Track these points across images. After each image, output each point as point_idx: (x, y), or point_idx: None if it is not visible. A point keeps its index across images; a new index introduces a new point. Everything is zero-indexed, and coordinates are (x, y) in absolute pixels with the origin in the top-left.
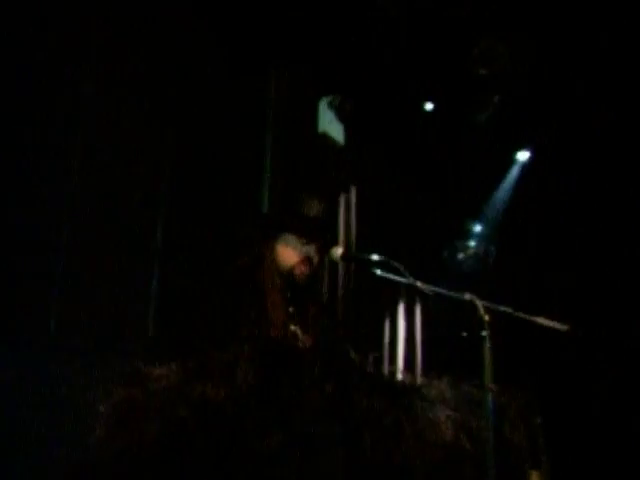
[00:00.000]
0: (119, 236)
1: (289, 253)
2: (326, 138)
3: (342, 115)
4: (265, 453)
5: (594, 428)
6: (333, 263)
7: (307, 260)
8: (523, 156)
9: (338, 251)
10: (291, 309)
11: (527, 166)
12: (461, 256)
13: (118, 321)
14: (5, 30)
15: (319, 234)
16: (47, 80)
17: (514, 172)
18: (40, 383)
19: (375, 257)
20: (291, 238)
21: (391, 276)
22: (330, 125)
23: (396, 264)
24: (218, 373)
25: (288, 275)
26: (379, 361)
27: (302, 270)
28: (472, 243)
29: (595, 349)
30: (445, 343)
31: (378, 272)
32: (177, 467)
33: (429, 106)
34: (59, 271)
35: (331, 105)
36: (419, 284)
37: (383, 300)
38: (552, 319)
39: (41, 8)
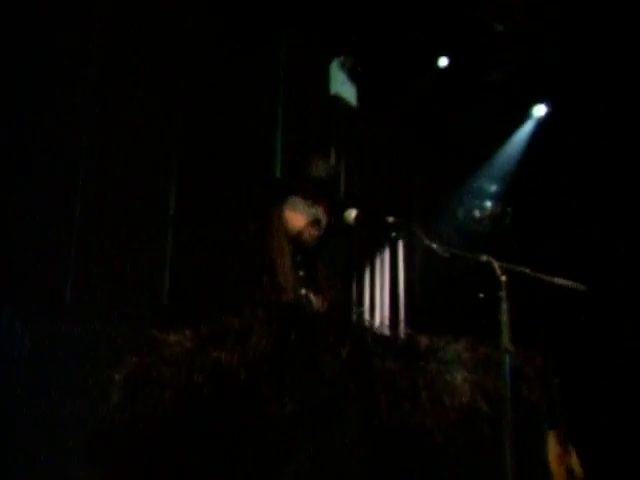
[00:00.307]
0: (132, 204)
1: (296, 217)
2: (338, 100)
3: (354, 76)
4: (281, 418)
5: (611, 389)
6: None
7: (315, 222)
8: (539, 111)
9: (352, 213)
10: (301, 273)
11: (544, 122)
12: (477, 217)
13: (133, 289)
14: (5, 23)
15: (326, 195)
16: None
17: (529, 128)
18: (55, 351)
19: (390, 219)
20: (298, 201)
21: (407, 238)
22: (342, 86)
23: (411, 226)
24: (232, 339)
25: (297, 239)
26: (393, 323)
27: (310, 233)
28: (488, 203)
29: (612, 309)
30: (462, 304)
31: (393, 235)
32: (192, 434)
33: (443, 62)
34: (73, 240)
35: (343, 66)
36: (435, 246)
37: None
38: (569, 280)
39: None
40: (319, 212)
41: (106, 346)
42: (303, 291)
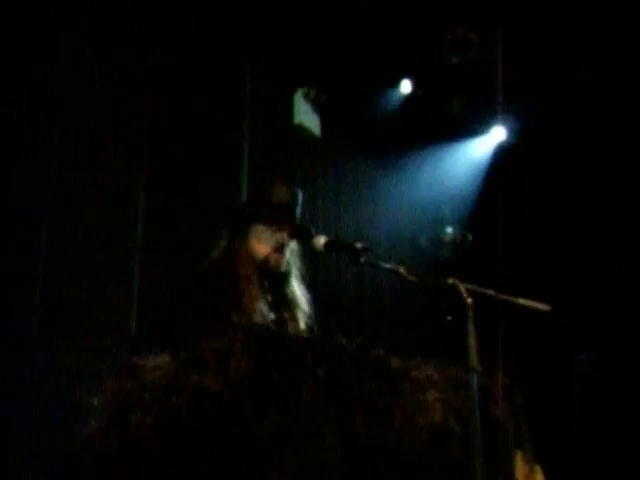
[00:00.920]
0: (99, 233)
1: (261, 245)
2: (302, 129)
3: (318, 106)
4: (264, 438)
5: (576, 407)
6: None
7: (280, 248)
8: (497, 135)
9: (321, 240)
10: (269, 298)
11: (501, 146)
12: (439, 242)
13: (100, 319)
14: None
15: (288, 220)
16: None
17: (487, 153)
18: (27, 382)
19: (359, 245)
20: (261, 229)
21: (375, 263)
22: (306, 116)
23: (379, 252)
24: (212, 362)
25: (263, 265)
26: (367, 343)
27: (276, 259)
28: (449, 229)
29: (575, 330)
30: (430, 327)
31: (362, 260)
32: (174, 457)
33: (406, 88)
34: (40, 270)
35: (306, 96)
36: (402, 270)
37: None
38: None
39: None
40: (283, 237)
41: (78, 373)
42: (272, 316)
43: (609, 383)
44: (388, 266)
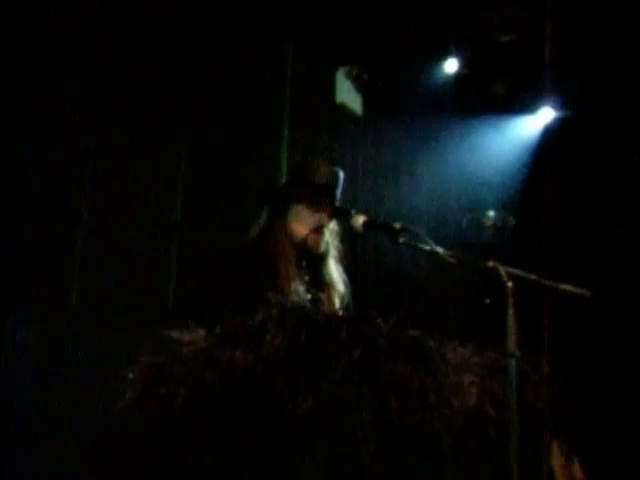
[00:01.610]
0: (139, 210)
1: (299, 225)
2: (344, 108)
3: (360, 85)
4: (295, 417)
5: (615, 398)
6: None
7: (318, 229)
8: (543, 117)
9: (360, 220)
10: (307, 278)
11: (547, 128)
12: (480, 226)
13: (138, 294)
14: (10, 26)
15: (328, 201)
16: (63, 61)
17: (533, 134)
18: (64, 353)
19: (397, 225)
20: (300, 209)
21: (414, 243)
22: (348, 95)
23: (419, 231)
24: (246, 338)
25: (302, 245)
26: (403, 324)
27: (315, 239)
28: (491, 213)
29: (615, 316)
30: (468, 310)
31: (401, 240)
32: (206, 432)
33: (451, 67)
34: (79, 244)
35: (349, 75)
36: (441, 251)
37: None
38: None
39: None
40: (323, 218)
41: (113, 346)
42: (308, 296)
43: None
44: (427, 247)
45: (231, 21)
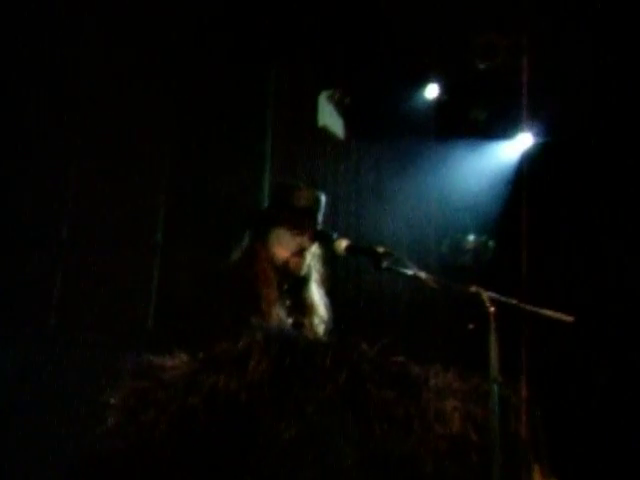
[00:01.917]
0: (120, 231)
1: (281, 248)
2: (326, 132)
3: (342, 109)
4: (279, 443)
5: (596, 421)
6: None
7: (300, 252)
8: (523, 142)
9: (343, 244)
10: (288, 302)
11: (526, 153)
12: (460, 250)
13: (119, 315)
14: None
15: (310, 224)
16: (46, 67)
17: (512, 159)
18: (43, 377)
19: (381, 249)
20: (282, 232)
21: (396, 268)
22: (330, 119)
23: (401, 256)
24: (230, 363)
25: (283, 269)
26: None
27: (296, 263)
28: (471, 237)
29: (596, 340)
30: (451, 335)
31: (384, 264)
32: (188, 457)
33: (432, 93)
34: (59, 266)
35: (331, 99)
36: (424, 276)
37: None
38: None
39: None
40: (304, 242)
41: (94, 370)
42: (289, 320)
43: (630, 397)
44: (410, 272)
45: (215, 42)
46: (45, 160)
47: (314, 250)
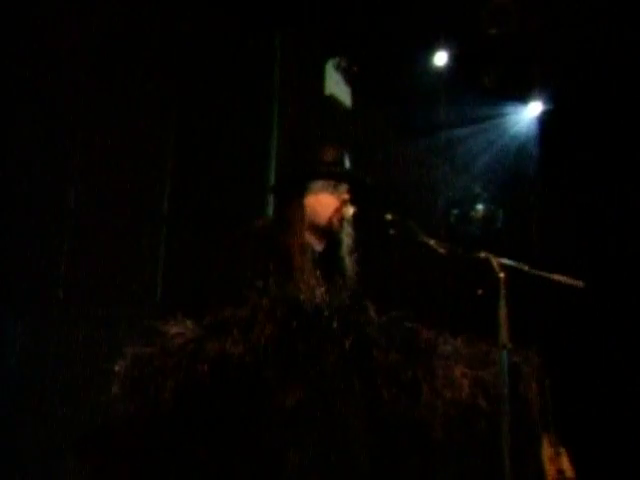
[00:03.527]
0: (126, 203)
1: (321, 206)
2: (333, 100)
3: (349, 77)
4: (284, 408)
5: (604, 389)
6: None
7: (341, 206)
8: (533, 111)
9: (350, 211)
10: (318, 272)
11: (535, 123)
12: (470, 219)
13: (126, 286)
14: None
15: (347, 175)
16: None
17: (521, 129)
18: (52, 350)
19: (388, 216)
20: (320, 187)
21: (405, 235)
22: (337, 87)
23: (410, 223)
24: (235, 329)
25: (325, 228)
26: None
27: (339, 218)
28: (479, 206)
29: (607, 308)
30: (460, 301)
31: (392, 231)
32: (194, 423)
33: (440, 60)
34: (67, 239)
35: (338, 67)
36: (432, 242)
37: None
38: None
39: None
40: (343, 193)
41: (102, 339)
42: (322, 289)
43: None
44: (419, 238)
45: (220, 13)
46: (51, 132)
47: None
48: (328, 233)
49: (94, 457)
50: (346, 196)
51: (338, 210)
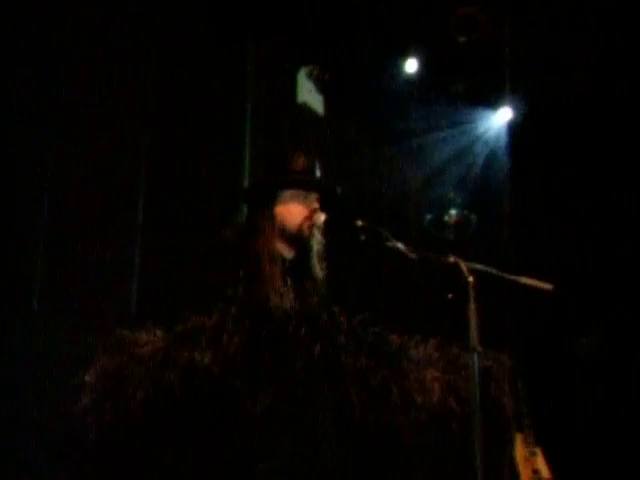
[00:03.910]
0: (100, 213)
1: (291, 215)
2: (305, 108)
3: (321, 85)
4: (254, 415)
5: (577, 390)
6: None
7: (311, 215)
8: (503, 116)
9: (321, 217)
10: (289, 280)
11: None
12: (442, 225)
13: (101, 296)
14: None
15: (314, 183)
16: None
17: (491, 134)
18: (25, 359)
19: (359, 222)
20: (288, 197)
21: (376, 240)
22: (309, 95)
23: (381, 229)
24: (204, 337)
25: (294, 235)
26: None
27: (309, 226)
28: (453, 211)
29: (577, 310)
30: (430, 306)
31: (362, 237)
32: (164, 432)
33: (411, 67)
34: (40, 249)
35: (310, 75)
36: (402, 247)
37: None
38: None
39: None
40: (312, 202)
41: (75, 351)
42: (291, 296)
43: (610, 366)
44: (389, 244)
45: (193, 19)
46: (24, 141)
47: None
48: (298, 240)
49: (72, 467)
50: (316, 205)
51: (308, 218)
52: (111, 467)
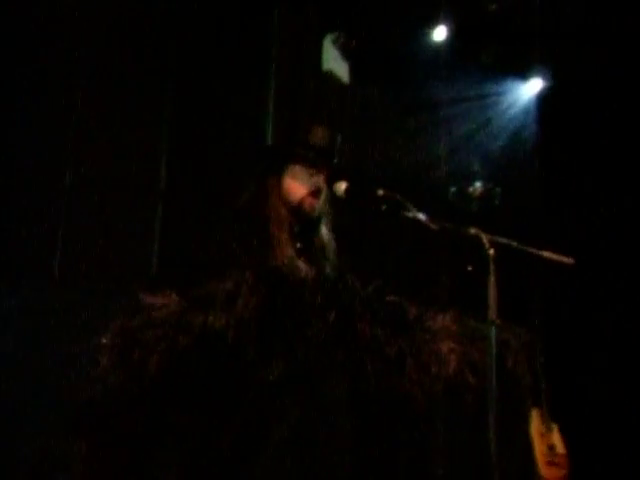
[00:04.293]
0: (122, 177)
1: (297, 185)
2: (330, 76)
3: (347, 52)
4: (268, 382)
5: (596, 366)
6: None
7: (316, 192)
8: (532, 88)
9: (342, 186)
10: (299, 245)
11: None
12: (467, 197)
13: (122, 262)
14: None
15: (327, 163)
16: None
17: (519, 105)
18: (47, 323)
19: (380, 192)
20: (298, 169)
21: (397, 210)
22: (335, 63)
23: (402, 199)
24: (219, 302)
25: (297, 209)
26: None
27: (311, 203)
28: (478, 184)
29: (599, 285)
30: (450, 277)
31: (383, 207)
32: (178, 396)
33: (439, 35)
34: (62, 214)
35: (336, 42)
36: (424, 218)
37: None
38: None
39: None
40: (320, 181)
41: (94, 314)
42: (300, 263)
43: (631, 343)
44: (410, 214)
45: None
46: (47, 109)
47: (326, 191)
48: (300, 214)
49: (87, 431)
50: (322, 184)
51: (311, 194)
52: (125, 431)
